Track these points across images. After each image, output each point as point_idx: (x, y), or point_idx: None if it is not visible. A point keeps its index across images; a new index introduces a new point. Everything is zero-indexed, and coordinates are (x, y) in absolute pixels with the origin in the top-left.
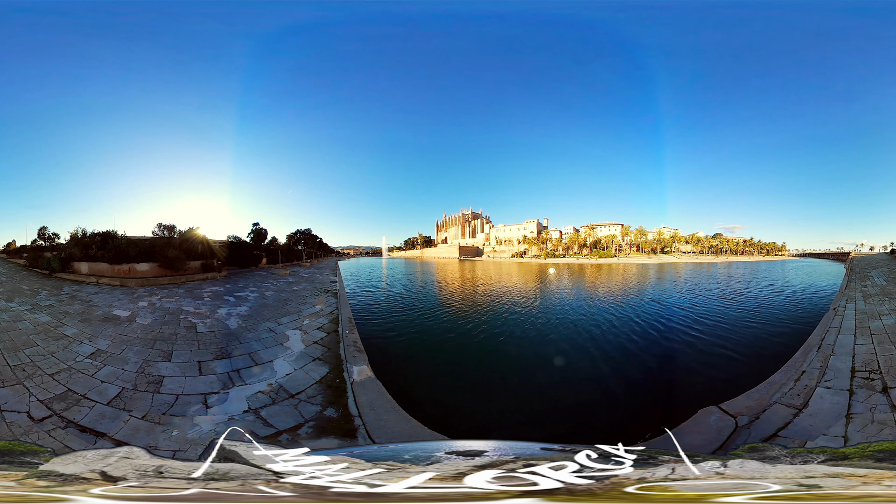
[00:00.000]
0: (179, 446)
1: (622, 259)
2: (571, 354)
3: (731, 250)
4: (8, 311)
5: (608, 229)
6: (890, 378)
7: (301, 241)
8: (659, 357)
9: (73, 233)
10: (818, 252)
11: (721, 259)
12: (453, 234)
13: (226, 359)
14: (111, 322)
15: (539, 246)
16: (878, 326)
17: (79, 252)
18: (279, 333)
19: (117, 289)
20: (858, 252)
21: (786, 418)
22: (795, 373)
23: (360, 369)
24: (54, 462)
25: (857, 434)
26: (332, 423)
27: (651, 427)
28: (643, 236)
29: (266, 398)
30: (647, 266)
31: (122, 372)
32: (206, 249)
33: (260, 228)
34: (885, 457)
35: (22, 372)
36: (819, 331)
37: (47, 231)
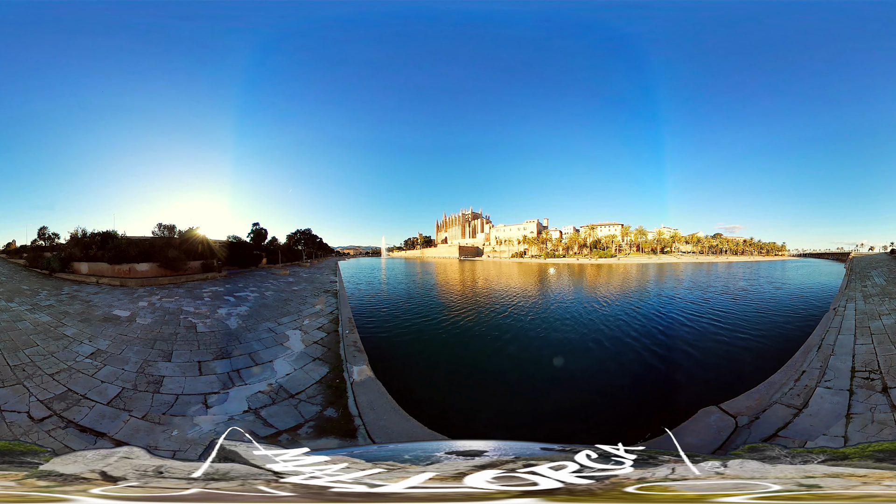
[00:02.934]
0: (179, 446)
1: (622, 259)
2: (571, 354)
3: (731, 250)
4: (8, 311)
5: (608, 229)
6: (890, 378)
7: (301, 241)
8: (659, 357)
9: (73, 233)
10: (818, 252)
11: (721, 259)
12: (453, 234)
13: (226, 359)
14: (111, 322)
15: (539, 246)
16: (878, 326)
17: (79, 252)
18: (279, 333)
19: (117, 289)
20: (858, 252)
21: (786, 418)
22: (795, 373)
23: (360, 369)
24: (54, 462)
25: (857, 434)
26: (332, 423)
27: (651, 427)
28: (643, 236)
29: (266, 398)
30: (647, 266)
31: (122, 372)
32: (206, 249)
33: (260, 228)
34: (885, 457)
35: (22, 372)
36: (819, 331)
37: (47, 231)
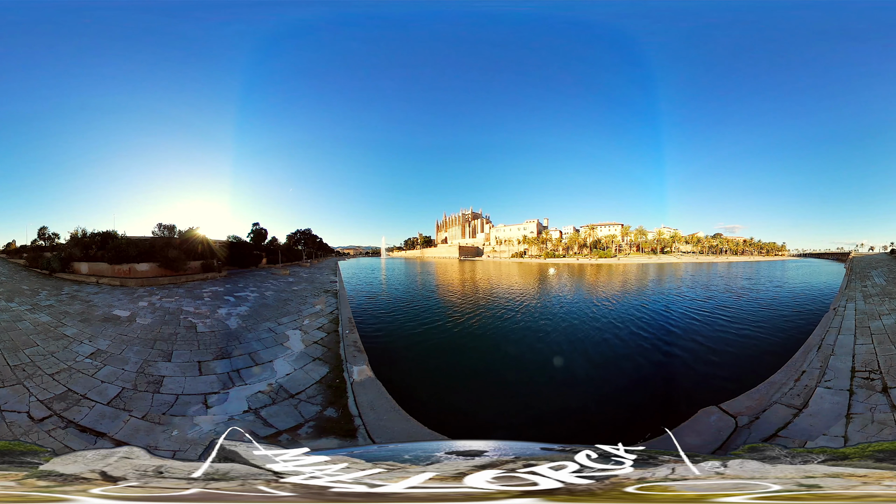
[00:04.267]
0: (179, 446)
1: (622, 259)
2: (571, 354)
3: (731, 250)
4: (8, 311)
5: (608, 229)
6: (890, 378)
7: (301, 241)
8: (659, 357)
9: (73, 233)
10: (818, 252)
11: (721, 259)
12: (453, 234)
13: (226, 359)
14: (111, 322)
15: (539, 246)
16: (878, 326)
17: (79, 252)
18: (279, 333)
19: (117, 289)
20: (858, 252)
21: (786, 418)
22: (795, 373)
23: (360, 369)
24: (54, 462)
25: (857, 434)
26: (332, 423)
27: (651, 427)
28: (643, 236)
29: (266, 398)
30: (646, 266)
31: (122, 372)
32: (206, 249)
33: (260, 228)
34: (885, 457)
35: (22, 372)
36: (819, 331)
37: (47, 231)
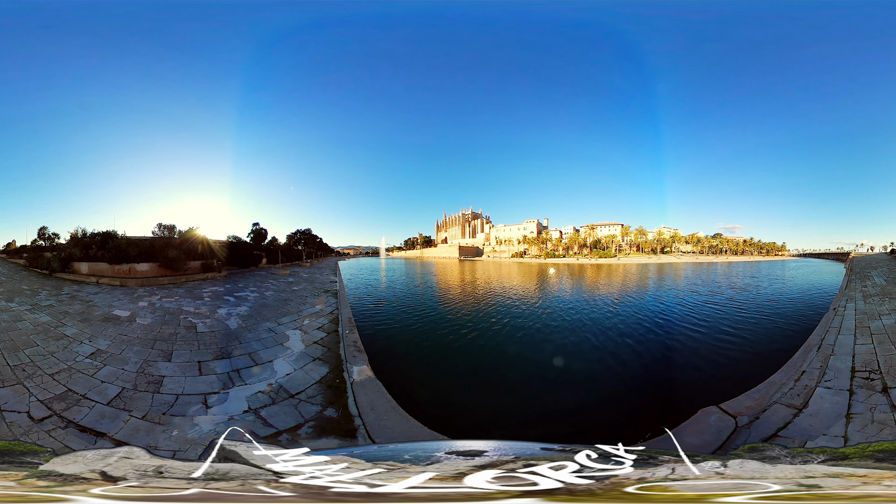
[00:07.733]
0: (179, 446)
1: (622, 259)
2: (571, 354)
3: (731, 250)
4: (8, 311)
5: (608, 229)
6: (890, 378)
7: (301, 241)
8: (659, 357)
9: (73, 233)
10: (818, 252)
11: (721, 259)
12: (453, 234)
13: (226, 359)
14: (111, 322)
15: (539, 246)
16: (878, 326)
17: (79, 252)
18: (279, 333)
19: (117, 289)
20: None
21: (786, 418)
22: (795, 373)
23: (360, 369)
24: (54, 462)
25: (857, 434)
26: (332, 423)
27: (651, 427)
28: (643, 236)
29: (266, 398)
30: (647, 266)
31: (122, 372)
32: (206, 249)
33: (260, 228)
34: (885, 457)
35: (22, 372)
36: (819, 331)
37: (47, 231)
